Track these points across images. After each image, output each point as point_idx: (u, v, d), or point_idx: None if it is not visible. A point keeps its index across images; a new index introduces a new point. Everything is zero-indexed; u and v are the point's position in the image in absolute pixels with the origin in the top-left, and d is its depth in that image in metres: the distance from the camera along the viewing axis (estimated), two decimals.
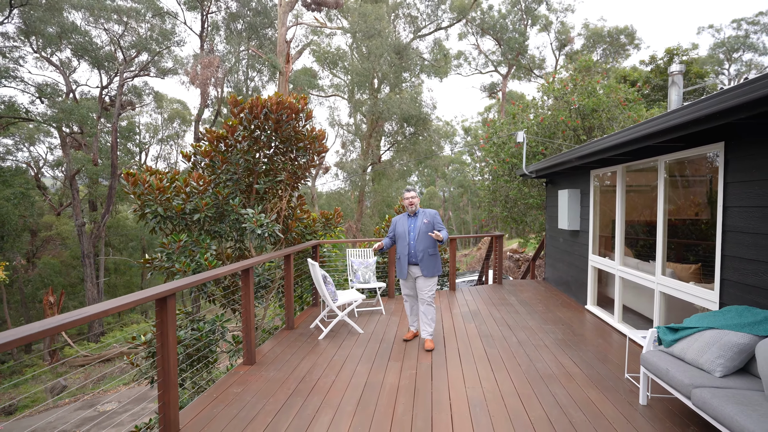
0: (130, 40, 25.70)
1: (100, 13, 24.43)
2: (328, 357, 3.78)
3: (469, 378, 3.29)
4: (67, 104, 21.46)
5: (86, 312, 1.93)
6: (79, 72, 72.92)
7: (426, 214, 4.07)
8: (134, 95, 29.71)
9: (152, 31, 26.11)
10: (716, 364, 2.34)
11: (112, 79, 27.84)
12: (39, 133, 30.07)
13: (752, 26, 34.89)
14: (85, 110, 21.40)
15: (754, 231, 2.71)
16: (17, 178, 24.56)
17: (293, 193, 5.36)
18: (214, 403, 2.88)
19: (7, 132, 26.53)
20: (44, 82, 24.69)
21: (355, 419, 2.66)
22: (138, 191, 4.08)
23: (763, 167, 2.65)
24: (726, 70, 36.72)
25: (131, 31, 25.59)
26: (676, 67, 7.05)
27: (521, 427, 2.54)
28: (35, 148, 31.40)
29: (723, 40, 35.96)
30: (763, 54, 35.60)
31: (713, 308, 3.05)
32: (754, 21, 34.71)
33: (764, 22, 34.62)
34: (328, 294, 4.21)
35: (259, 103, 4.54)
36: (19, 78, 23.14)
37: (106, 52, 25.27)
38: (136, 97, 30.00)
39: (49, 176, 33.21)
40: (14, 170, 25.37)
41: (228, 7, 25.42)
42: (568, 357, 3.71)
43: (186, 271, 3.94)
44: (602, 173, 5.18)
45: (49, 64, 25.09)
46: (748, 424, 1.81)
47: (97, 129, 26.23)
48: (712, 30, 37.78)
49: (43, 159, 32.08)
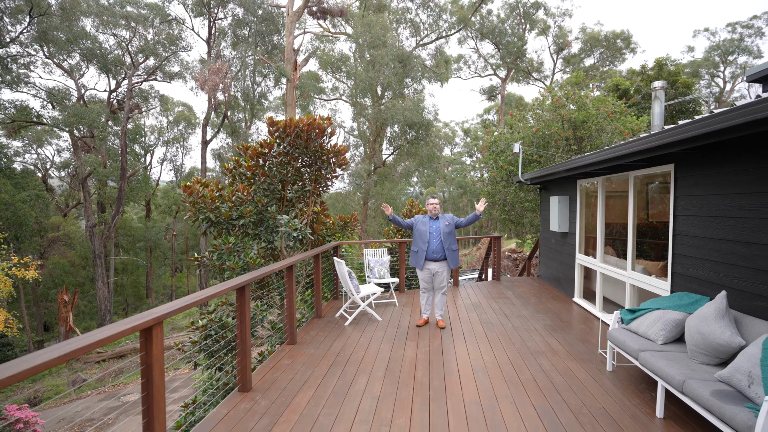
0: (138, 45, 26.38)
1: (109, 20, 25.11)
2: (356, 339, 4.56)
3: (472, 353, 4.07)
4: (78, 108, 22.16)
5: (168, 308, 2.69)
6: (87, 76, 73.30)
7: (445, 218, 4.85)
8: (140, 98, 30.40)
9: (158, 35, 26.79)
10: (659, 335, 3.11)
11: (120, 83, 28.55)
12: (46, 135, 30.79)
13: (746, 30, 35.61)
14: (95, 114, 22.10)
15: (694, 234, 3.49)
16: (28, 180, 25.30)
17: (317, 199, 6.12)
18: (271, 371, 3.66)
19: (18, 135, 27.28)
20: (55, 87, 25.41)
21: (386, 381, 3.44)
22: (192, 200, 4.84)
23: (700, 185, 3.43)
24: (721, 73, 37.49)
25: (139, 36, 26.28)
26: (659, 83, 7.85)
27: (513, 385, 3.32)
28: (42, 150, 32.09)
29: (718, 43, 36.64)
30: (757, 57, 36.39)
31: (666, 295, 3.82)
32: (748, 24, 35.44)
33: (758, 25, 35.34)
34: (352, 287, 4.98)
35: (292, 123, 5.31)
36: (30, 83, 23.85)
37: (114, 56, 25.95)
38: (143, 101, 30.72)
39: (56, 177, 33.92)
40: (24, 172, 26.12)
41: (235, 14, 26.11)
42: (554, 338, 4.49)
43: (235, 269, 4.70)
44: (587, 183, 5.96)
45: (60, 69, 25.77)
46: (669, 371, 2.59)
47: (107, 132, 26.91)
48: (707, 33, 38.44)
49: (50, 161, 32.80)
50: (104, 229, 26.83)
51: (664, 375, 2.64)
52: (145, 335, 2.14)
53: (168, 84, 39.84)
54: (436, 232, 4.82)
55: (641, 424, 2.69)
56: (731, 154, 3.08)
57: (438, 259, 4.81)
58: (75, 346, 1.64)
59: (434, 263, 4.84)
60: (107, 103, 27.78)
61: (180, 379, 13.32)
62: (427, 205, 4.94)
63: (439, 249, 4.78)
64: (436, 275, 4.86)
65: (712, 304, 2.79)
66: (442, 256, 4.80)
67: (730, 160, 3.10)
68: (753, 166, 2.86)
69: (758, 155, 2.81)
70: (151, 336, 2.14)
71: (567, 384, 3.33)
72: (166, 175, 51.83)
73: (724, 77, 37.72)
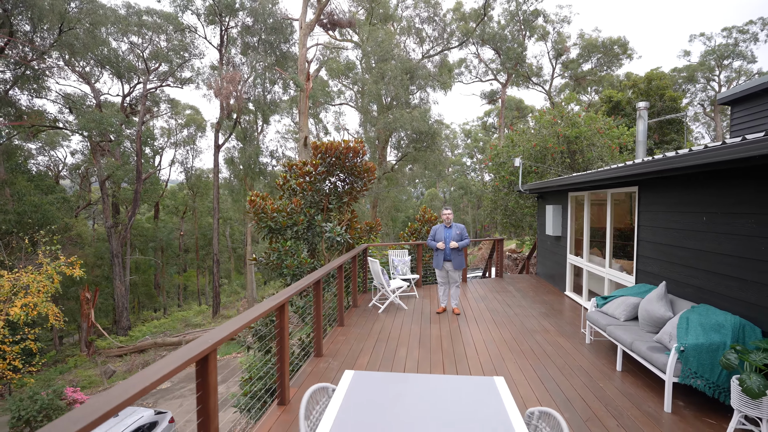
0: (151, 50, 27.47)
1: (126, 28, 26.22)
2: (390, 322, 5.73)
3: (483, 332, 5.24)
4: (96, 114, 23.30)
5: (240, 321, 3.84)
6: (100, 81, 74.78)
7: (457, 227, 5.98)
8: (151, 102, 31.50)
9: (170, 41, 27.88)
10: (622, 314, 4.28)
11: (133, 88, 29.71)
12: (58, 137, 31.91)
13: (741, 35, 36.70)
14: (112, 119, 23.24)
15: (651, 240, 4.66)
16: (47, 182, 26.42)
17: (349, 209, 7.29)
18: (332, 344, 4.82)
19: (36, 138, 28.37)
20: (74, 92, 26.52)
21: (420, 350, 4.61)
22: (255, 211, 6.00)
23: (655, 203, 4.59)
24: (716, 77, 38.61)
25: (154, 44, 27.39)
26: (642, 104, 9.05)
27: (515, 353, 4.49)
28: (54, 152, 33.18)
29: (714, 48, 37.70)
30: (752, 62, 37.50)
31: (630, 286, 4.99)
32: (743, 30, 36.51)
33: (753, 30, 36.44)
34: (384, 281, 6.15)
35: (333, 147, 6.47)
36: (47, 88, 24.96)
37: (128, 62, 27.03)
38: (154, 105, 31.87)
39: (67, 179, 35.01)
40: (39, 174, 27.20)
41: (245, 23, 27.18)
42: (547, 321, 5.67)
43: (291, 266, 5.85)
44: (576, 195, 7.13)
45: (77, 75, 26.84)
46: (624, 337, 3.76)
47: (124, 136, 28.03)
48: (703, 38, 39.44)
49: (62, 162, 33.92)
50: (121, 229, 27.99)
51: (621, 340, 3.82)
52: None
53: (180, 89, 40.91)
54: (449, 238, 5.97)
55: (605, 374, 3.87)
56: (673, 184, 4.24)
57: (451, 260, 5.97)
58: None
59: (449, 263, 6.00)
60: (121, 108, 28.92)
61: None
62: (442, 215, 6.11)
63: (452, 252, 5.94)
64: (450, 272, 6.02)
65: (656, 291, 3.95)
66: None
67: (672, 187, 4.26)
68: (684, 193, 4.02)
69: (687, 187, 3.98)
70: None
71: (555, 351, 4.50)
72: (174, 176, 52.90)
73: (719, 81, 38.79)
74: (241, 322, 2.53)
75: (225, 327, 2.43)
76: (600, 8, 54.34)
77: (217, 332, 2.32)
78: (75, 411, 1.47)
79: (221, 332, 2.31)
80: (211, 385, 2.17)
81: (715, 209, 3.58)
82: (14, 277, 10.35)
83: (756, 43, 37.46)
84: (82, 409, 1.46)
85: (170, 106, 33.48)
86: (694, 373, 3.00)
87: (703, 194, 3.75)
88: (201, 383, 2.17)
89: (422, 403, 1.91)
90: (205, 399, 2.17)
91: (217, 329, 2.40)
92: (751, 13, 55.14)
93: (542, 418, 1.86)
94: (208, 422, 2.18)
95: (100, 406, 1.48)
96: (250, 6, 24.73)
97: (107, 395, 1.57)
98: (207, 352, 2.11)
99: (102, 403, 1.51)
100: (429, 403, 1.91)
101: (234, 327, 2.45)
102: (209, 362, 2.16)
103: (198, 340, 2.17)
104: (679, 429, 2.90)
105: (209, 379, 2.16)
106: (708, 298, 3.68)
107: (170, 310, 35.46)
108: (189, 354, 2.00)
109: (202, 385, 2.17)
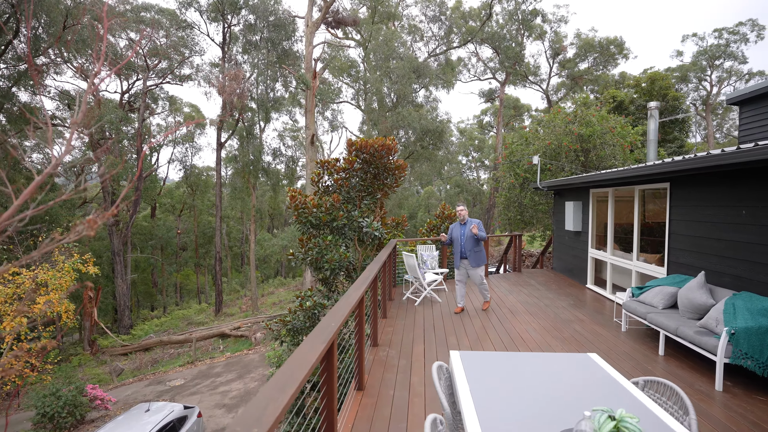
0: (151, 48, 27.28)
1: (127, 25, 26.00)
2: (429, 313, 5.96)
3: (523, 322, 5.50)
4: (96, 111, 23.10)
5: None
6: (98, 78, 73.33)
7: (473, 221, 5.91)
8: (150, 99, 31.27)
9: (170, 37, 27.70)
10: (660, 302, 4.57)
11: (132, 84, 29.48)
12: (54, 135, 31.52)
13: (732, 36, 37.50)
14: (113, 116, 23.10)
15: (683, 233, 4.95)
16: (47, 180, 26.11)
17: (381, 204, 7.50)
18: (383, 334, 5.03)
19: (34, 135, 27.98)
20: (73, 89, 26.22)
21: (469, 338, 4.84)
22: (296, 206, 6.18)
23: (687, 198, 4.88)
24: (708, 77, 39.45)
25: (153, 40, 27.20)
26: (653, 104, 9.37)
27: (559, 340, 4.75)
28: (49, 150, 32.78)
29: (705, 48, 38.46)
30: (743, 62, 38.38)
31: (662, 277, 5.29)
32: (734, 31, 37.32)
33: (743, 31, 37.29)
34: (420, 275, 6.37)
35: (367, 144, 6.67)
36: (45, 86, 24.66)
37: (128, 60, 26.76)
38: (153, 102, 31.64)
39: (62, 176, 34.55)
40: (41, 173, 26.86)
41: (247, 20, 27.11)
42: (579, 312, 5.95)
43: (331, 260, 6.04)
44: (599, 192, 7.42)
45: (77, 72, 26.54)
46: (668, 323, 4.04)
47: (124, 134, 27.81)
48: (695, 39, 40.17)
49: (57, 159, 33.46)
50: (122, 227, 27.81)
51: (664, 326, 4.10)
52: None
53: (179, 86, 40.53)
54: (463, 235, 5.83)
55: (649, 358, 4.15)
56: (707, 180, 4.53)
57: (468, 257, 5.83)
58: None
59: (465, 261, 5.85)
60: (120, 105, 28.68)
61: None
62: (456, 213, 6.31)
63: (468, 248, 5.82)
64: (469, 271, 5.87)
65: (696, 280, 4.24)
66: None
67: (706, 183, 4.55)
68: (720, 189, 4.31)
69: (723, 184, 4.26)
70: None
71: (595, 338, 4.78)
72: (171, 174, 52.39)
73: (711, 81, 39.61)
74: (342, 313, 2.64)
75: (336, 312, 2.61)
76: (596, 8, 55.38)
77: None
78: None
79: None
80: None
81: (755, 203, 3.87)
82: (33, 274, 10.38)
83: (746, 43, 38.23)
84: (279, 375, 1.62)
85: (169, 103, 33.25)
86: (745, 354, 3.28)
87: (742, 189, 4.04)
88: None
89: (539, 374, 2.14)
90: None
91: (329, 315, 2.59)
92: (740, 14, 56.23)
93: (648, 386, 2.10)
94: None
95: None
96: (253, 3, 24.70)
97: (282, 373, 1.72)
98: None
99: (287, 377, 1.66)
100: (546, 375, 2.14)
101: (342, 315, 2.60)
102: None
103: (320, 325, 2.32)
104: (733, 404, 3.18)
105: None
106: (747, 287, 3.97)
107: (169, 308, 35.30)
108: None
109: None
